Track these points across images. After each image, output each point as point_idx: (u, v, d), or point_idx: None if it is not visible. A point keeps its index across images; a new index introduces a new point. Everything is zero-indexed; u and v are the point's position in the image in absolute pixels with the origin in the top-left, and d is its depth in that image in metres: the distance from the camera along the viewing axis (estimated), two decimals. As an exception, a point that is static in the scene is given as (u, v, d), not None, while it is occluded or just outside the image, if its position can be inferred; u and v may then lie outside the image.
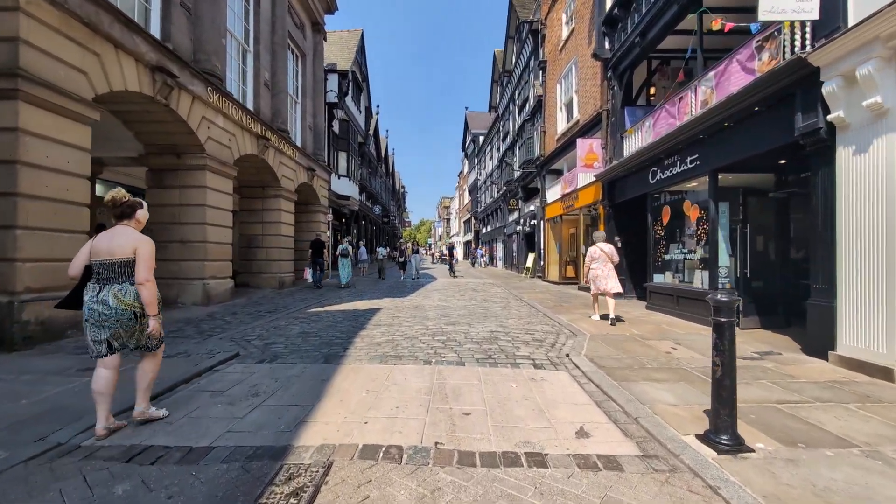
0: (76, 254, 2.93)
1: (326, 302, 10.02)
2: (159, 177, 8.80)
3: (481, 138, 38.84)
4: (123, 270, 2.85)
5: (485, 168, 36.35)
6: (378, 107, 29.30)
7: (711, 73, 7.04)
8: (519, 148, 21.11)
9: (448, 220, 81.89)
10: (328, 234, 17.49)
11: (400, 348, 5.37)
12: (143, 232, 3.04)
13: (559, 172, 17.05)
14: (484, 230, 37.46)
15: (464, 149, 49.14)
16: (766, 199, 6.67)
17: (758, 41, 5.92)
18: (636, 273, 10.77)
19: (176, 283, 8.66)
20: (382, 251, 18.01)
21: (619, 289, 7.54)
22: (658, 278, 8.90)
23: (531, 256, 19.81)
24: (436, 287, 14.25)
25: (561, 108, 15.52)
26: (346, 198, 20.94)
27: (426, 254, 57.86)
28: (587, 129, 12.71)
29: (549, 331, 6.64)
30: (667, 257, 8.49)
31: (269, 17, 12.56)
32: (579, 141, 11.55)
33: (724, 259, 6.82)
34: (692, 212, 7.50)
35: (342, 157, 21.16)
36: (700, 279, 7.32)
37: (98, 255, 2.84)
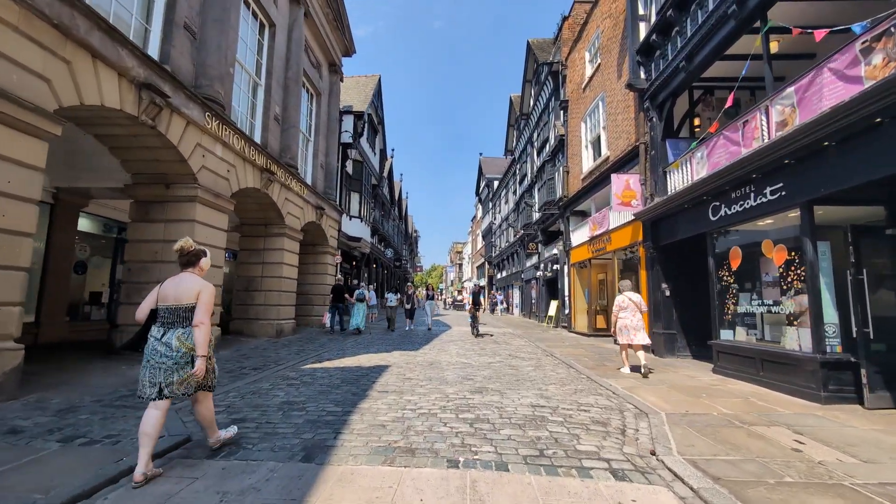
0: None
1: (327, 355, 8.59)
2: (144, 209, 7.79)
3: (496, 183, 38.40)
4: (188, 315, 3.03)
5: (500, 212, 35.53)
6: (393, 150, 29.21)
7: (790, 90, 5.89)
8: (538, 189, 20.15)
9: (460, 265, 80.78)
10: (338, 276, 16.32)
11: (412, 433, 3.89)
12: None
13: (584, 214, 15.86)
14: (499, 275, 36.03)
15: (477, 193, 48.84)
16: (882, 238, 5.25)
17: (864, 42, 4.77)
18: (690, 327, 9.18)
19: (150, 332, 7.38)
20: (392, 297, 15.00)
21: (648, 340, 7.23)
22: (726, 335, 7.33)
23: (554, 304, 18.23)
24: (451, 338, 12.71)
25: (586, 146, 14.58)
26: (357, 239, 19.96)
27: (438, 299, 56.27)
28: (619, 166, 11.61)
29: (606, 405, 5.09)
30: (740, 309, 6.97)
31: (284, 54, 12.13)
32: (614, 177, 10.41)
33: (829, 313, 5.32)
34: (776, 253, 6.09)
35: (354, 198, 20.42)
36: (794, 338, 5.76)
37: (165, 301, 3.03)
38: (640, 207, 10.16)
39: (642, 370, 6.86)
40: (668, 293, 9.26)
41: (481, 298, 15.53)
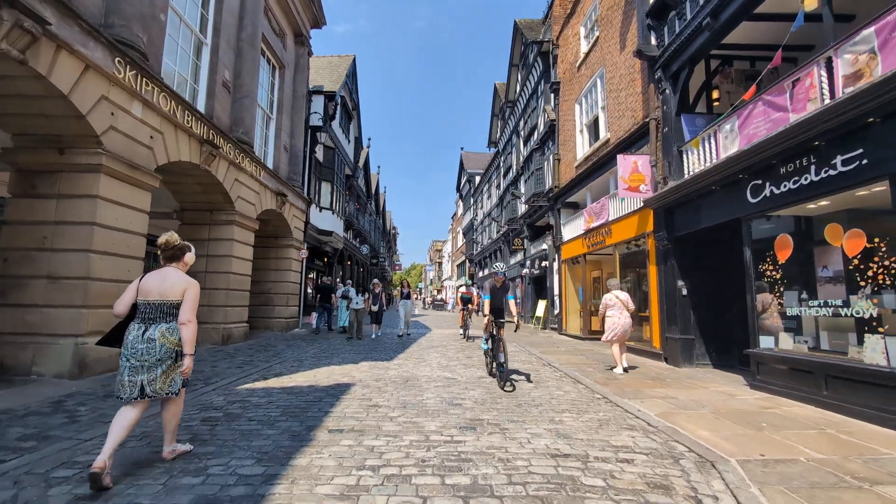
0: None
1: (278, 368, 6.91)
2: (29, 181, 5.94)
3: (477, 178, 37.03)
4: (172, 311, 2.94)
5: (482, 208, 34.18)
6: (369, 139, 27.42)
7: (868, 31, 4.59)
8: (525, 181, 18.81)
9: (440, 263, 79.30)
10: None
11: (370, 524, 2.33)
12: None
13: (577, 206, 14.57)
14: (480, 273, 34.65)
15: (458, 189, 47.41)
16: None
17: None
18: (711, 332, 7.92)
19: (32, 343, 5.56)
20: (357, 298, 11.64)
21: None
22: (766, 342, 6.03)
23: (542, 304, 16.92)
24: (431, 343, 11.15)
25: (581, 131, 13.27)
26: (329, 233, 18.16)
27: (417, 298, 54.52)
28: (622, 149, 10.29)
29: (650, 447, 3.64)
30: (789, 311, 5.65)
31: (237, 10, 10.32)
32: (621, 158, 9.06)
33: (935, 318, 4.02)
34: (848, 241, 4.78)
35: (325, 187, 18.60)
36: (878, 349, 4.45)
37: (147, 295, 2.90)
38: (650, 193, 8.85)
39: (625, 368, 7.18)
40: (684, 292, 7.96)
41: (473, 296, 13.76)
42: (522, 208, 20.12)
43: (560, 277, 14.75)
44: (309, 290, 23.30)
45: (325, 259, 22.36)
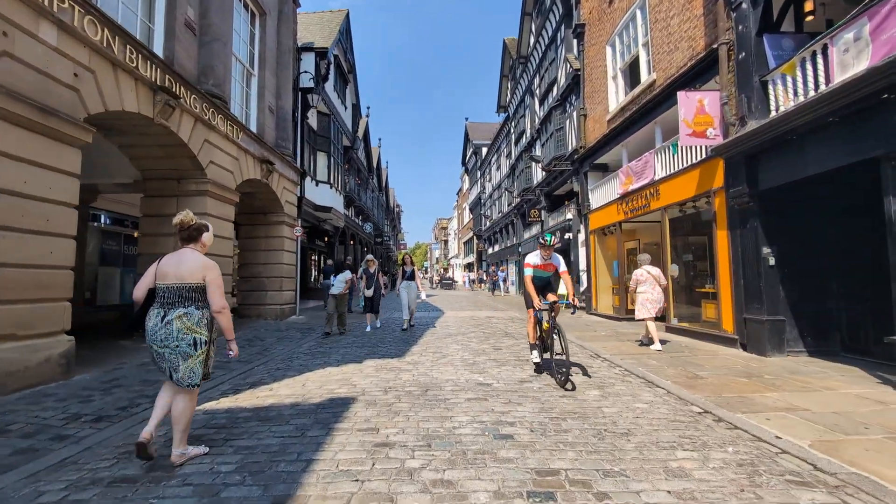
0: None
1: (259, 373, 5.37)
2: None
3: (484, 149, 34.96)
4: (191, 295, 2.80)
5: (490, 180, 32.25)
6: (368, 108, 25.31)
7: None
8: (542, 145, 16.90)
9: (445, 241, 77.74)
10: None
11: None
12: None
13: (606, 168, 12.76)
14: (491, 250, 33.04)
15: (464, 163, 45.29)
16: None
17: None
18: (806, 312, 6.27)
19: None
20: (338, 280, 8.75)
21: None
22: (921, 327, 4.37)
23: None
24: (447, 329, 9.60)
25: (615, 77, 11.32)
26: (327, 209, 16.49)
27: (424, 277, 53.13)
28: (674, 89, 8.43)
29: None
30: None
31: (199, -66, 8.38)
32: (682, 96, 7.21)
33: None
34: None
35: (322, 159, 16.83)
36: None
37: (165, 279, 2.79)
38: (719, 139, 7.06)
39: (659, 342, 6.86)
40: (771, 262, 6.26)
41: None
42: (539, 176, 18.27)
43: (588, 250, 13.06)
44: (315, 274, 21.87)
45: (326, 238, 20.81)
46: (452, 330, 9.45)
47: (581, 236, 14.07)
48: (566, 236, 15.05)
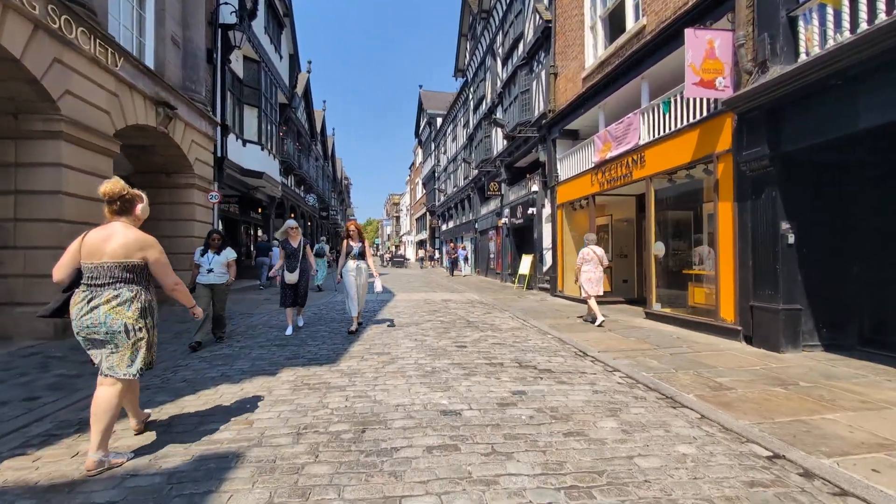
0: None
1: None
2: None
3: (439, 120, 32.97)
4: (123, 275, 2.52)
5: (445, 153, 30.48)
6: (310, 63, 22.35)
7: None
8: (505, 111, 15.38)
9: (397, 217, 75.43)
10: (214, 226, 10.68)
11: None
12: None
13: (577, 135, 11.52)
14: (444, 227, 31.59)
15: (417, 135, 43.00)
16: None
17: None
18: (824, 299, 5.31)
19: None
20: (212, 259, 5.47)
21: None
22: None
23: (526, 260, 14.14)
24: (397, 316, 8.03)
25: (593, 27, 9.91)
26: (257, 174, 14.06)
27: (375, 254, 50.84)
28: (667, 38, 7.16)
29: None
30: None
31: None
32: (690, 34, 5.86)
33: None
34: None
35: (250, 114, 14.28)
36: None
37: (91, 257, 2.48)
38: (729, 91, 5.85)
39: (599, 322, 7.00)
40: (790, 239, 5.21)
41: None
42: (500, 146, 16.83)
43: (554, 226, 11.89)
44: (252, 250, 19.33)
45: (260, 210, 18.30)
46: (404, 318, 7.87)
47: (546, 211, 12.88)
48: (529, 211, 13.81)
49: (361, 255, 6.39)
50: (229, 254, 5.60)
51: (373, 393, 3.67)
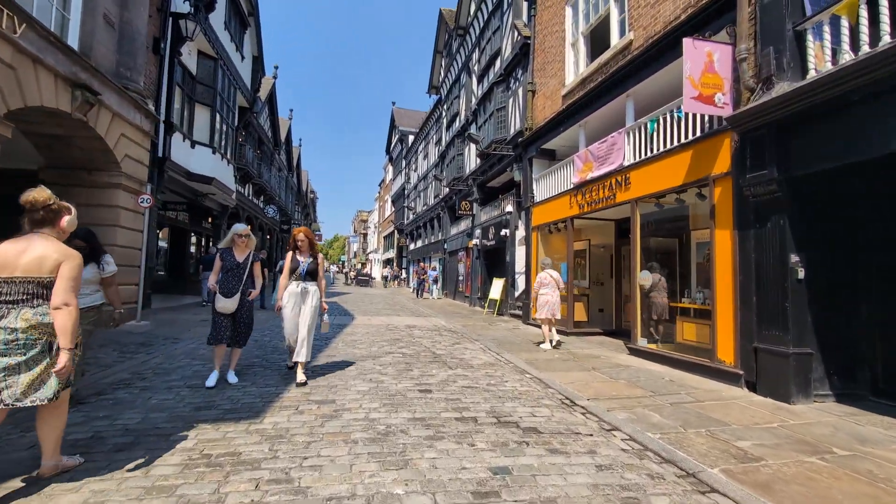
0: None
1: None
2: None
3: (411, 137, 32.44)
4: (39, 292, 2.33)
5: (416, 170, 29.81)
6: (276, 67, 21.24)
7: None
8: (479, 128, 14.84)
9: (365, 234, 73.82)
10: (144, 234, 9.26)
11: None
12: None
13: (552, 155, 11.02)
14: (412, 245, 30.62)
15: (388, 151, 42.28)
16: None
17: None
18: (834, 342, 4.74)
19: None
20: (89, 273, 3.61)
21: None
22: None
23: (497, 284, 13.37)
24: (352, 346, 6.94)
25: (574, 44, 9.50)
26: (207, 180, 12.69)
27: (339, 272, 48.90)
28: (656, 54, 6.72)
29: None
30: None
31: None
32: (689, 44, 5.35)
33: None
34: None
35: (203, 114, 13.02)
36: None
37: (3, 271, 2.28)
38: (728, 109, 5.35)
39: (555, 343, 7.26)
40: (800, 274, 4.62)
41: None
42: (473, 164, 16.24)
43: (529, 250, 11.20)
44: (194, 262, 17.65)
45: (211, 219, 16.75)
46: (360, 348, 6.79)
47: (520, 233, 12.22)
48: (502, 233, 13.13)
49: (311, 276, 4.82)
50: (103, 265, 3.77)
51: (299, 473, 2.62)
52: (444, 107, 21.23)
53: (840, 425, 3.90)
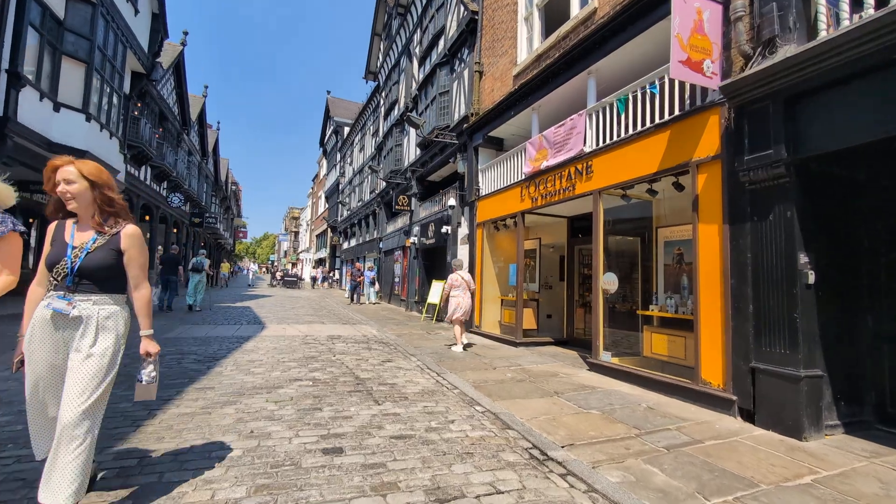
0: None
1: None
2: None
3: (347, 129, 30.30)
4: None
5: (351, 164, 27.77)
6: (186, 33, 18.17)
7: None
8: (420, 114, 13.48)
9: (296, 233, 69.45)
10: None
11: None
12: None
13: (500, 144, 9.99)
14: (346, 244, 28.50)
15: (322, 144, 39.53)
16: None
17: None
18: (842, 361, 3.98)
19: None
20: None
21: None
22: None
23: (437, 286, 12.06)
24: (248, 368, 5.25)
25: (527, 18, 8.48)
26: (77, 154, 10.01)
27: (271, 270, 44.86)
28: (623, 23, 5.83)
29: None
30: None
31: None
32: (678, 1, 4.40)
33: None
34: None
35: (74, 71, 10.32)
36: None
37: None
38: (716, 79, 4.48)
39: (464, 345, 7.19)
40: (810, 278, 3.78)
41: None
42: (411, 156, 14.84)
43: (473, 248, 10.03)
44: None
45: (89, 206, 13.63)
46: (256, 374, 5.08)
47: (463, 230, 11.02)
48: (443, 230, 11.85)
49: (97, 279, 2.16)
50: None
51: None
52: (383, 94, 19.61)
53: (883, 475, 3.02)
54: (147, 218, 17.71)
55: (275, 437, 3.17)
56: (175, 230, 21.80)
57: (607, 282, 5.96)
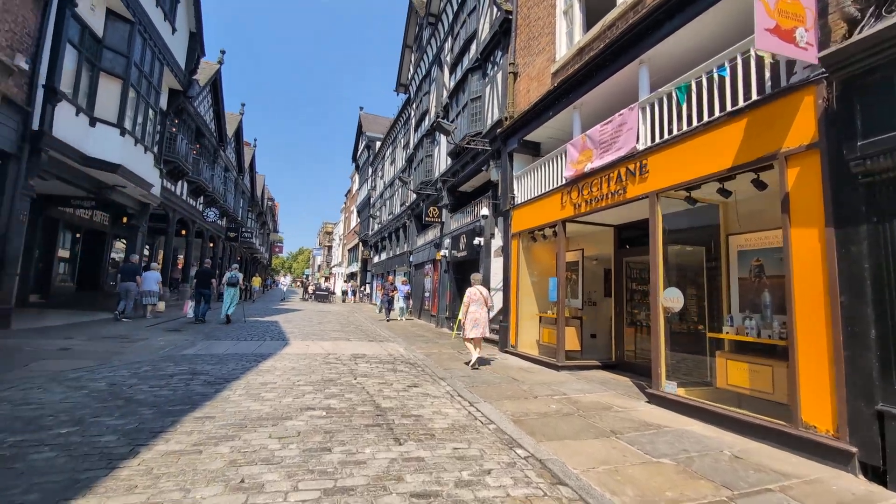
0: None
1: None
2: None
3: (378, 143, 30.44)
4: None
5: (382, 177, 27.75)
6: (223, 53, 18.72)
7: None
8: (451, 122, 13.01)
9: (329, 247, 70.62)
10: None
11: None
12: None
13: (536, 149, 9.30)
14: (376, 258, 28.30)
15: (354, 159, 40.04)
16: None
17: None
18: None
19: None
20: None
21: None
22: None
23: (468, 301, 11.33)
24: (259, 392, 4.73)
25: (568, 11, 7.86)
26: (111, 168, 10.12)
27: (294, 285, 45.51)
28: (678, 6, 5.09)
29: None
30: None
31: None
32: (761, -49, 3.67)
33: None
34: None
35: (110, 86, 10.51)
36: None
37: None
38: (813, 50, 3.65)
39: (476, 362, 6.93)
40: (965, 295, 2.85)
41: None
42: (442, 166, 14.37)
43: (507, 261, 9.29)
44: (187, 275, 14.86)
45: (126, 219, 13.95)
46: (266, 400, 4.54)
47: (496, 242, 10.34)
48: (475, 241, 11.19)
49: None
50: None
51: None
52: (413, 105, 19.40)
53: None
54: (183, 232, 18.06)
55: (268, 490, 2.56)
56: (211, 244, 22.24)
57: (669, 298, 5.09)
